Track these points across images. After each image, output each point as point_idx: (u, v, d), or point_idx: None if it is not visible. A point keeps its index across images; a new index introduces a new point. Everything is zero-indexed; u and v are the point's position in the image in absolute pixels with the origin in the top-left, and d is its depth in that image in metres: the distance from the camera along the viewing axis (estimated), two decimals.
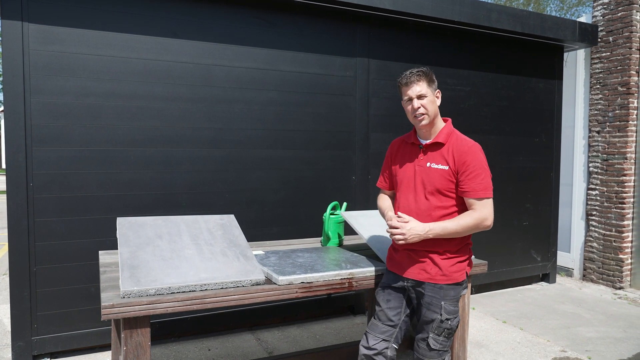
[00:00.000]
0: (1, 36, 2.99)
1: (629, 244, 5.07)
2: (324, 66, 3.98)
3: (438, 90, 2.14)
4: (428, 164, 2.10)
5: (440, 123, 2.15)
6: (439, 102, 2.14)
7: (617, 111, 5.06)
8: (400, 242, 2.02)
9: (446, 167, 2.05)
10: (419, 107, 2.06)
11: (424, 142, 2.16)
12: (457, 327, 2.11)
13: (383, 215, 2.26)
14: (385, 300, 2.21)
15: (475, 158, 2.02)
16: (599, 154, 5.26)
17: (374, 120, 4.22)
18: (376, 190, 4.25)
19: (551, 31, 4.77)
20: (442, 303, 2.06)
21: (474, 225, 2.01)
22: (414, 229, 2.00)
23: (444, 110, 4.56)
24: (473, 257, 2.70)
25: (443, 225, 2.01)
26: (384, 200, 2.36)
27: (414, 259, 2.12)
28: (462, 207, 2.09)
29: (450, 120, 2.18)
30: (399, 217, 2.07)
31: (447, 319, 2.06)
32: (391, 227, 2.05)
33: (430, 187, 2.07)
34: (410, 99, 2.09)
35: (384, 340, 2.16)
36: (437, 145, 2.11)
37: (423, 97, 2.07)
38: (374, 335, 2.18)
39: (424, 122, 2.08)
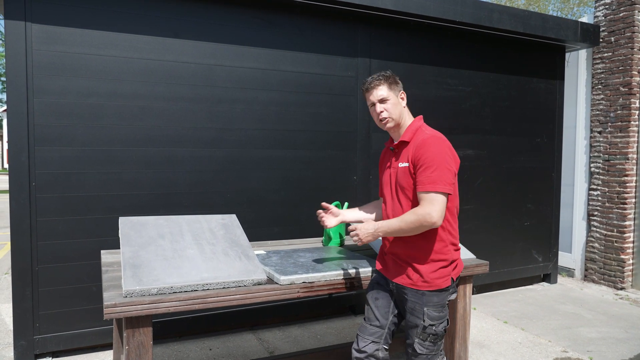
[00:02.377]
0: (4, 36, 3.00)
1: (631, 245, 5.07)
2: (325, 66, 3.98)
3: (402, 91, 2.13)
4: (399, 165, 2.09)
5: (408, 122, 2.13)
6: (404, 103, 2.12)
7: (619, 111, 5.06)
8: (358, 242, 2.02)
9: (407, 164, 2.03)
10: (382, 112, 2.07)
11: (395, 143, 2.16)
12: (444, 332, 2.06)
13: None
14: (374, 299, 2.20)
15: (428, 150, 1.95)
16: (601, 155, 5.25)
17: None
18: (377, 190, 4.25)
19: (553, 31, 4.77)
20: (425, 309, 2.01)
21: (416, 220, 1.92)
22: (364, 228, 2.00)
23: (445, 110, 4.56)
24: (474, 257, 2.71)
25: (388, 223, 1.98)
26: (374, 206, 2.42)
27: (397, 263, 2.10)
28: None
29: (420, 117, 2.16)
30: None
31: (431, 325, 2.01)
32: (349, 230, 2.07)
33: (399, 188, 2.06)
34: (373, 104, 2.10)
35: (373, 342, 2.14)
36: (403, 144, 2.10)
37: (385, 100, 2.07)
38: (363, 337, 2.16)
39: (388, 125, 2.09)
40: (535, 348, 3.54)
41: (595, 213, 5.30)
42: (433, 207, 1.90)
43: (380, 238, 2.26)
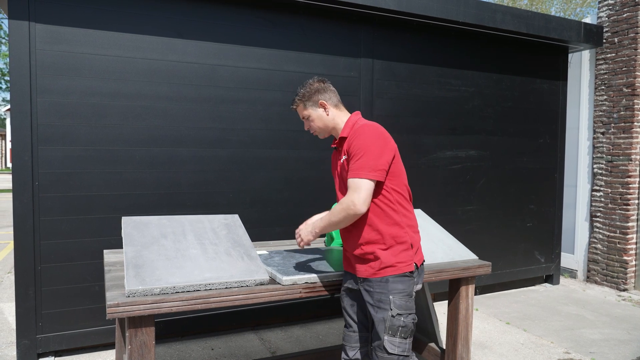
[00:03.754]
0: (8, 36, 3.01)
1: (634, 246, 5.06)
2: (328, 66, 3.99)
3: (321, 101, 2.10)
4: (341, 160, 2.10)
5: (344, 119, 2.13)
6: (327, 111, 2.10)
7: (622, 112, 5.04)
8: (302, 243, 2.08)
9: (345, 157, 2.04)
10: (308, 128, 2.18)
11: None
12: (413, 327, 1.98)
13: None
14: (350, 305, 2.18)
15: (357, 138, 1.94)
16: (604, 156, 5.24)
17: (378, 120, 4.22)
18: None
19: (556, 32, 4.76)
20: (391, 297, 1.94)
21: (341, 210, 1.92)
22: (304, 228, 2.08)
23: (448, 111, 4.56)
24: (476, 258, 2.70)
25: (321, 217, 2.03)
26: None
27: (359, 256, 2.05)
28: (381, 196, 1.99)
29: (358, 112, 2.16)
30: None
31: (399, 314, 1.93)
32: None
33: (344, 183, 2.07)
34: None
35: (361, 347, 2.16)
36: (342, 140, 2.10)
37: (307, 118, 2.15)
38: (351, 346, 2.16)
39: (321, 136, 2.19)
40: (537, 349, 3.53)
41: (598, 214, 5.29)
42: (356, 195, 1.89)
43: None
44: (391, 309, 1.94)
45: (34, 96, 3.09)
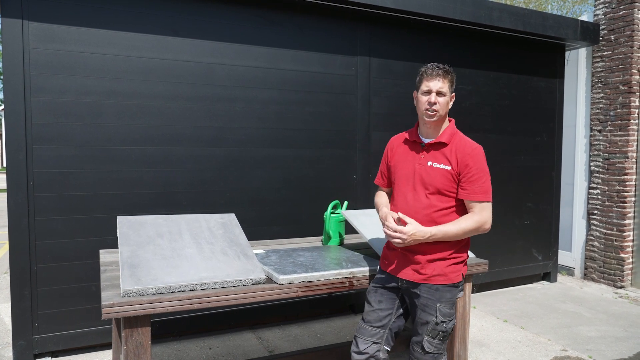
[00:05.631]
0: (1, 34, 2.99)
1: (630, 243, 5.07)
2: (325, 65, 3.97)
3: (453, 94, 2.15)
4: (429, 163, 2.08)
5: (445, 123, 2.15)
6: (450, 105, 2.14)
7: (619, 110, 5.05)
8: (398, 245, 2.02)
9: (448, 167, 2.04)
10: (435, 103, 2.04)
11: (427, 140, 2.14)
12: (452, 330, 2.10)
13: (378, 210, 2.23)
14: (377, 301, 2.19)
15: (478, 161, 2.03)
16: (601, 153, 5.24)
17: (375, 119, 4.21)
18: (377, 189, 4.24)
19: (553, 30, 4.76)
20: (438, 305, 2.04)
21: (474, 229, 2.03)
22: (414, 235, 1.97)
23: None
24: (473, 256, 2.70)
25: (445, 230, 2.00)
26: (381, 196, 2.35)
27: (409, 259, 2.09)
28: (460, 208, 2.08)
29: (453, 120, 2.19)
30: (399, 218, 2.03)
31: (442, 322, 2.04)
32: (390, 228, 2.00)
33: (432, 187, 2.05)
34: (429, 92, 2.06)
35: (374, 343, 2.14)
36: (440, 145, 2.10)
37: (442, 94, 2.06)
38: (364, 339, 2.16)
39: (433, 119, 2.07)
40: (534, 347, 3.53)
41: (595, 212, 5.29)
42: (488, 215, 2.04)
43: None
44: (436, 317, 2.04)
45: (28, 95, 3.07)
